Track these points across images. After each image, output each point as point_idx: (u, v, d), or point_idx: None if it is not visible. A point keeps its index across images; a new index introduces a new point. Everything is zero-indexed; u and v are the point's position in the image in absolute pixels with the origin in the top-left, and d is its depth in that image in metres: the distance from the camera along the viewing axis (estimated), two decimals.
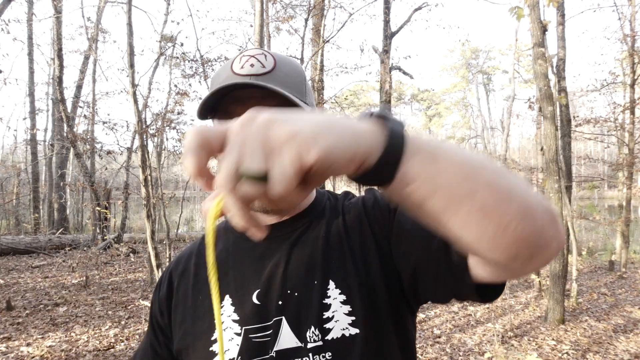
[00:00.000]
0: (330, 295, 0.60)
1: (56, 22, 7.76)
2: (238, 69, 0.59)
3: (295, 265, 0.62)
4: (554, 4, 4.63)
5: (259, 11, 6.22)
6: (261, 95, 0.58)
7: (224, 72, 0.61)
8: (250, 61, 0.59)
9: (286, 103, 0.57)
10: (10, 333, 3.87)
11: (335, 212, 0.68)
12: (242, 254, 0.67)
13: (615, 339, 3.77)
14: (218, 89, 0.57)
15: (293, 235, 0.65)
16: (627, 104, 7.75)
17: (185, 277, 0.69)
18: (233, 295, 0.63)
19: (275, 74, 0.59)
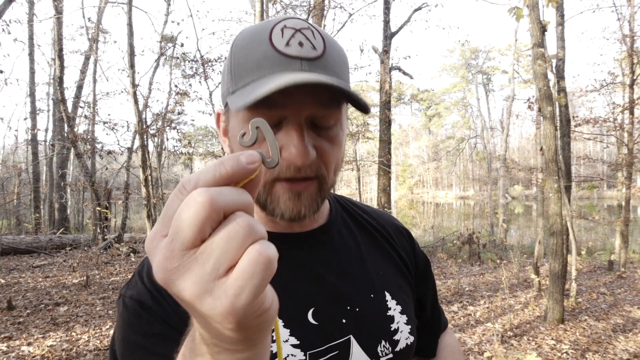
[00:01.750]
0: (390, 306, 0.58)
1: (57, 23, 7.76)
2: (283, 47, 0.46)
3: (347, 278, 0.57)
4: (553, 5, 4.63)
5: (259, 11, 6.22)
6: (310, 88, 0.44)
7: (261, 47, 0.46)
8: (297, 37, 0.46)
9: (335, 96, 0.47)
10: (11, 332, 3.87)
11: (361, 223, 0.65)
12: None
13: (614, 338, 3.77)
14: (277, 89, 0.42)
15: (332, 244, 0.59)
16: (626, 104, 7.76)
17: None
18: (283, 315, 0.51)
19: (326, 59, 0.47)
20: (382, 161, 8.69)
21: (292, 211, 0.50)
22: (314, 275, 0.56)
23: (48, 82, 12.91)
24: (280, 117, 0.47)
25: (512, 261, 6.90)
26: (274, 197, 0.50)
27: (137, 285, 0.52)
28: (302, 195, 0.49)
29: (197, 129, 24.79)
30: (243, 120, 0.49)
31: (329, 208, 0.63)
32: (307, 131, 0.47)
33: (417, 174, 44.30)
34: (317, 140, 0.49)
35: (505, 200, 15.00)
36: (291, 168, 0.47)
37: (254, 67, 0.46)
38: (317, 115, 0.48)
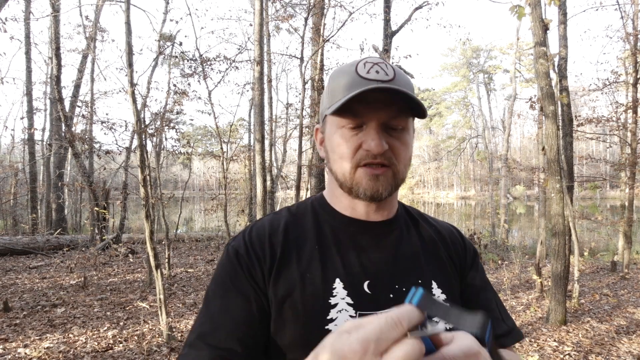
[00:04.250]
0: (435, 293, 0.68)
1: (54, 21, 7.72)
2: (365, 74, 0.64)
3: (401, 263, 0.69)
4: (556, 3, 4.57)
5: (258, 10, 6.18)
6: (385, 100, 0.63)
7: (349, 76, 0.65)
8: (374, 68, 0.65)
9: (403, 110, 0.64)
10: (8, 334, 3.83)
11: (419, 223, 0.77)
12: (345, 241, 0.70)
13: (617, 340, 3.73)
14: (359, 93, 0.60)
15: (393, 235, 0.72)
16: (629, 103, 7.70)
17: (287, 249, 0.68)
18: (344, 279, 0.65)
19: (397, 81, 0.65)
20: None
21: (372, 189, 0.65)
22: (375, 256, 0.69)
23: (45, 81, 12.88)
24: (362, 122, 0.64)
25: (513, 262, 6.85)
26: (358, 180, 0.66)
27: (239, 238, 0.70)
28: (380, 178, 0.65)
29: (196, 128, 24.77)
30: (336, 125, 0.67)
31: (397, 208, 0.76)
32: (381, 132, 0.64)
33: (417, 174, 44.30)
34: (390, 139, 0.65)
35: (506, 201, 14.96)
36: (369, 156, 0.63)
37: (343, 89, 0.64)
38: (389, 122, 0.64)
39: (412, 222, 0.77)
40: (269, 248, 0.67)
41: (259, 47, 6.20)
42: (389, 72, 0.65)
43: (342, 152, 0.66)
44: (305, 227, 0.72)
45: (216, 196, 10.39)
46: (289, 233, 0.70)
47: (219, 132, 7.36)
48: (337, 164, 0.68)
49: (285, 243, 0.69)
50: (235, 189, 13.10)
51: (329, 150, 0.70)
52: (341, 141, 0.66)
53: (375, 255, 0.69)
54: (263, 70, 6.58)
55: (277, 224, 0.72)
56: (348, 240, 0.70)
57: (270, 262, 0.66)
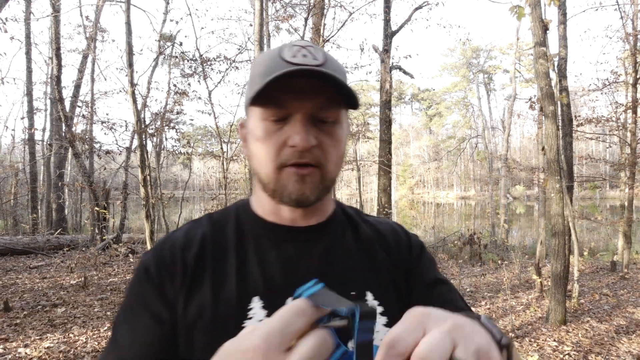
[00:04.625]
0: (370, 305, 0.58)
1: (54, 21, 7.73)
2: (290, 58, 0.56)
3: (331, 273, 0.61)
4: (555, 3, 4.58)
5: (258, 10, 6.19)
6: (313, 88, 0.55)
7: (272, 61, 0.56)
8: (302, 52, 0.57)
9: (334, 100, 0.56)
10: (8, 334, 3.84)
11: (357, 227, 0.69)
12: (267, 252, 0.62)
13: (617, 340, 3.74)
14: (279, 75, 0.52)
15: (322, 243, 0.64)
16: (629, 103, 7.71)
17: (202, 264, 0.60)
18: (263, 297, 0.58)
19: (327, 67, 0.57)
20: (382, 161, 8.66)
21: (298, 192, 0.57)
22: (300, 267, 0.61)
23: (45, 81, 12.89)
24: (287, 114, 0.56)
25: (513, 262, 6.86)
26: (283, 181, 0.57)
27: (149, 253, 0.62)
28: (307, 180, 0.57)
29: (196, 128, 24.79)
30: (258, 117, 0.58)
31: (332, 210, 0.68)
32: (309, 126, 0.56)
33: (417, 174, 44.31)
34: (319, 134, 0.57)
35: (506, 201, 14.97)
36: (295, 154, 0.55)
37: (264, 74, 0.55)
38: (318, 113, 0.56)
39: (350, 224, 0.69)
40: (181, 264, 0.59)
41: (259, 47, 6.22)
42: (318, 56, 0.57)
43: (265, 149, 0.57)
44: (226, 237, 0.63)
45: (216, 196, 10.39)
46: (206, 245, 0.62)
47: (219, 132, 7.37)
48: (259, 163, 0.59)
49: (200, 257, 0.61)
50: (235, 189, 13.08)
51: (251, 148, 0.61)
52: (263, 136, 0.57)
53: (303, 266, 0.61)
54: None
55: (193, 234, 0.63)
56: (271, 251, 0.62)
57: (181, 281, 0.58)
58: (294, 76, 0.53)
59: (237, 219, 0.66)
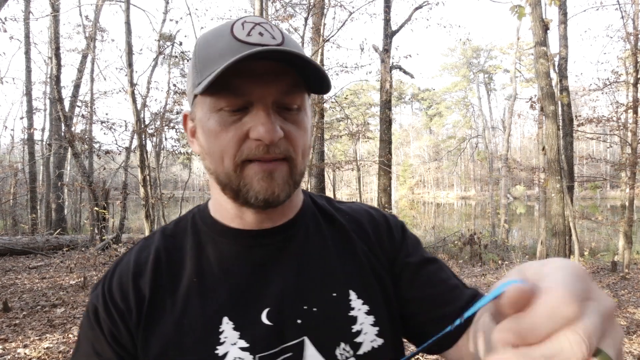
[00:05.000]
0: (354, 306, 0.55)
1: (54, 21, 7.72)
2: (244, 37, 0.48)
3: (307, 276, 0.55)
4: (556, 3, 4.57)
5: (258, 10, 6.18)
6: (273, 70, 0.48)
7: (222, 39, 0.49)
8: (257, 29, 0.49)
9: (298, 83, 0.50)
10: (7, 334, 3.83)
11: (331, 218, 0.62)
12: (231, 264, 0.55)
13: None
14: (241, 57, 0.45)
15: (294, 243, 0.57)
16: (630, 103, 7.70)
17: (158, 290, 0.53)
18: (234, 316, 0.51)
19: (287, 46, 0.50)
20: (382, 161, 8.65)
21: (266, 191, 0.51)
22: (272, 274, 0.55)
23: (45, 80, 12.88)
24: (246, 102, 0.49)
25: (514, 262, 6.85)
26: (247, 179, 0.51)
27: (98, 289, 0.55)
28: (274, 175, 0.51)
29: None
30: (209, 108, 0.50)
31: (301, 203, 0.62)
32: (273, 115, 0.49)
33: (417, 174, 44.30)
34: (284, 123, 0.51)
35: (507, 201, 14.97)
36: (260, 148, 0.49)
37: (216, 57, 0.48)
38: (282, 99, 0.50)
39: (323, 217, 0.62)
40: (134, 296, 0.53)
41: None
42: (275, 35, 0.50)
43: (222, 144, 0.50)
44: (183, 253, 0.56)
45: None
46: (161, 266, 0.55)
47: None
48: (215, 161, 0.52)
49: (155, 282, 0.53)
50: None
51: (203, 144, 0.53)
52: (219, 130, 0.50)
53: (274, 273, 0.55)
54: None
55: (145, 256, 0.56)
56: (237, 261, 0.55)
57: (137, 316, 0.52)
58: (254, 58, 0.46)
59: (194, 229, 0.58)
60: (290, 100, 0.51)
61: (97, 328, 0.52)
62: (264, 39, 0.49)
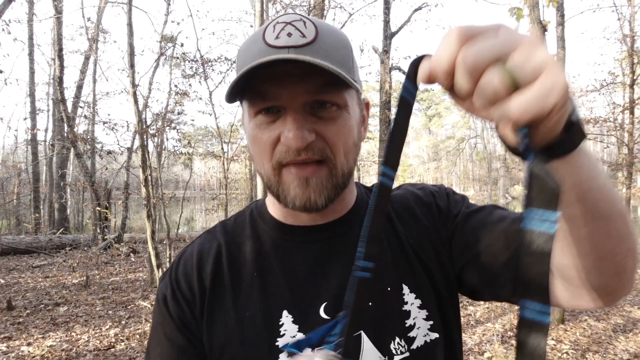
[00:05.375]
0: (407, 301, 0.55)
1: (57, 23, 7.77)
2: (272, 40, 0.48)
3: None
4: (554, 5, 4.62)
5: (259, 11, 6.23)
6: (302, 71, 0.47)
7: (255, 45, 0.49)
8: (286, 29, 0.48)
9: (332, 81, 0.48)
10: (11, 333, 3.87)
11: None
12: (290, 259, 0.56)
13: (614, 338, 3.77)
14: (250, 68, 0.46)
15: (349, 237, 0.57)
16: (626, 104, 7.75)
17: (220, 282, 0.55)
18: (293, 310, 0.53)
19: (318, 45, 0.48)
20: (382, 161, 8.68)
21: (301, 198, 0.50)
22: (329, 269, 0.55)
23: (48, 82, 12.91)
24: (279, 107, 0.50)
25: None
26: (284, 185, 0.51)
27: (166, 279, 0.58)
28: (311, 181, 0.50)
29: (197, 129, 24.82)
30: (248, 113, 0.53)
31: (354, 197, 0.61)
32: (305, 117, 0.49)
33: (417, 174, 44.31)
34: (318, 124, 0.50)
35: (505, 200, 15.00)
36: (290, 152, 0.49)
37: (247, 62, 0.48)
38: (314, 99, 0.49)
39: None
40: (198, 286, 0.55)
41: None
42: (307, 33, 0.48)
43: (260, 148, 0.51)
44: (243, 247, 0.57)
45: (217, 196, 10.44)
46: (222, 259, 0.56)
47: (220, 132, 7.41)
48: (258, 164, 0.53)
49: (217, 275, 0.55)
50: (235, 188, 13.15)
51: (249, 147, 0.55)
52: (255, 133, 0.51)
53: (331, 268, 0.55)
54: None
55: (207, 249, 0.58)
56: (295, 256, 0.56)
57: (200, 305, 0.54)
58: (270, 65, 0.46)
59: (252, 224, 0.60)
60: (324, 98, 0.49)
61: (167, 315, 0.55)
62: (292, 39, 0.48)
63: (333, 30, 0.52)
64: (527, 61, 0.26)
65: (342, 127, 0.51)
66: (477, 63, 0.26)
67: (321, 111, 0.50)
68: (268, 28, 0.50)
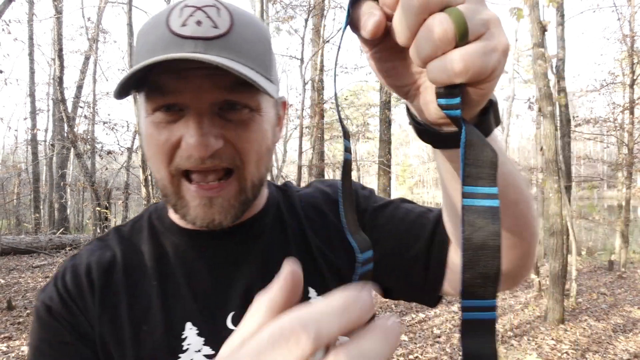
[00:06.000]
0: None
1: (57, 23, 7.77)
2: (178, 27, 0.41)
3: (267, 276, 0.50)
4: (554, 5, 4.63)
5: (259, 11, 6.23)
6: (209, 70, 0.41)
7: (157, 30, 0.42)
8: (196, 15, 0.41)
9: (245, 80, 0.41)
10: (11, 332, 3.87)
11: (293, 209, 0.57)
12: (193, 266, 0.50)
13: (614, 338, 3.77)
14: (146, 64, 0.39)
15: (258, 240, 0.53)
16: (626, 104, 7.77)
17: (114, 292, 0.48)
18: (198, 321, 0.47)
19: (232, 38, 0.42)
20: (382, 161, 8.69)
21: (203, 219, 0.45)
22: (236, 276, 0.50)
23: (48, 82, 12.91)
24: (180, 105, 0.43)
25: None
26: (183, 201, 0.45)
27: (49, 288, 0.49)
28: (215, 201, 0.44)
29: None
30: (145, 108, 0.45)
31: (265, 198, 0.56)
32: (212, 119, 0.43)
33: (417, 174, 44.32)
34: (226, 128, 0.43)
35: None
36: (192, 159, 0.43)
37: (146, 52, 0.41)
38: (222, 101, 0.43)
39: (290, 210, 0.57)
40: (90, 294, 0.47)
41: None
42: (220, 23, 0.41)
43: (156, 150, 0.44)
44: (141, 255, 0.51)
45: None
46: (115, 268, 0.49)
47: None
48: (153, 166, 0.46)
49: (109, 285, 0.48)
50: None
51: (143, 146, 0.48)
52: (153, 132, 0.44)
53: (239, 274, 0.50)
54: None
55: (99, 256, 0.50)
56: (199, 262, 0.50)
57: (93, 316, 0.47)
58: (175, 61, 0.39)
59: (151, 230, 0.53)
60: (234, 98, 0.43)
61: (54, 325, 0.46)
62: (202, 29, 0.40)
63: (251, 19, 0.45)
64: (476, 12, 0.25)
65: (254, 132, 0.45)
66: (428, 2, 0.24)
67: (231, 113, 0.44)
68: (174, 11, 0.42)
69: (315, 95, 8.46)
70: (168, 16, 0.42)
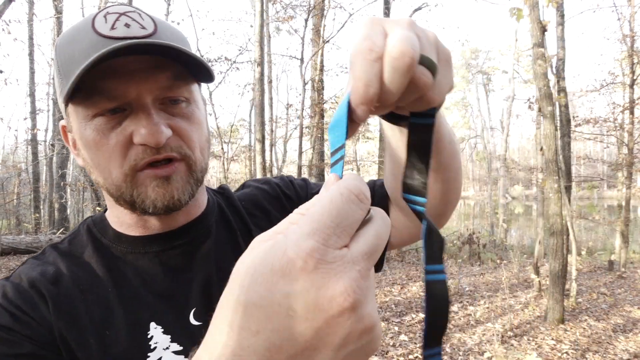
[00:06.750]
0: None
1: (57, 23, 7.78)
2: (107, 31, 0.43)
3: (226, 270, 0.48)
4: (554, 5, 4.64)
5: (259, 11, 6.24)
6: (148, 66, 0.44)
7: (85, 37, 0.43)
8: (122, 20, 0.44)
9: (180, 75, 0.46)
10: None
11: (235, 208, 0.60)
12: (147, 270, 0.51)
13: (614, 338, 3.78)
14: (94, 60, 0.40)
15: (206, 240, 0.55)
16: (626, 104, 7.77)
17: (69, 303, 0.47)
18: (161, 321, 0.48)
19: (160, 37, 0.45)
20: (382, 161, 8.70)
21: (164, 197, 0.46)
22: (191, 274, 0.52)
23: (48, 82, 12.91)
24: (124, 105, 0.45)
25: (512, 261, 6.90)
26: (141, 188, 0.46)
27: None
28: (172, 179, 0.47)
29: None
30: (83, 116, 0.45)
31: (206, 199, 0.58)
32: (157, 112, 0.45)
33: None
34: (172, 119, 0.47)
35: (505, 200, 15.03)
36: (148, 151, 0.45)
37: (80, 58, 0.42)
38: (164, 94, 0.46)
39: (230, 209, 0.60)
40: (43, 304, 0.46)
41: (259, 48, 6.27)
42: (145, 24, 0.45)
43: (105, 154, 0.45)
44: (89, 267, 0.50)
45: None
46: (64, 279, 0.48)
47: (220, 132, 7.42)
48: (103, 173, 0.47)
49: (61, 295, 0.47)
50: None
51: (86, 156, 0.48)
52: (99, 139, 0.45)
53: (192, 272, 0.52)
54: (264, 71, 6.64)
55: (43, 272, 0.48)
56: (152, 266, 0.51)
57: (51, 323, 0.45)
58: (121, 55, 0.41)
59: (95, 244, 0.52)
60: (174, 94, 0.46)
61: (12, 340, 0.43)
62: (132, 30, 0.43)
63: (169, 25, 0.49)
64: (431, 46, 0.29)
65: (195, 122, 0.49)
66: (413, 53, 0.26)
67: (173, 107, 0.47)
68: (97, 18, 0.44)
69: (315, 95, 8.46)
70: (92, 24, 0.44)
